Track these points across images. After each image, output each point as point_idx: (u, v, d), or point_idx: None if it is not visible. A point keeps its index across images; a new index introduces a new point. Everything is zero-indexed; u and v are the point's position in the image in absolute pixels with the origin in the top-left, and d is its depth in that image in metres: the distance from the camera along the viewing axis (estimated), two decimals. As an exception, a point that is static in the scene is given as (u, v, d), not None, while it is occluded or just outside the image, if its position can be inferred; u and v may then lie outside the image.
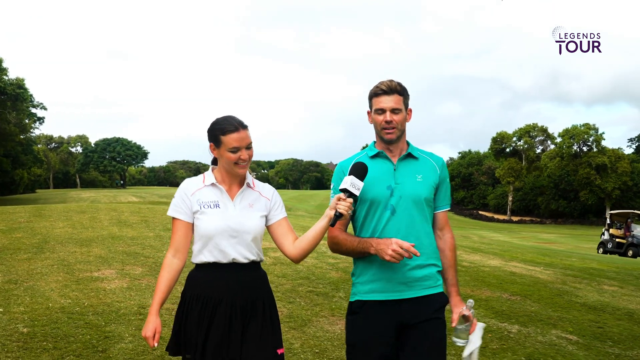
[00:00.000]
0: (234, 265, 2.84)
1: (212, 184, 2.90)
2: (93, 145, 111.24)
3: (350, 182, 2.76)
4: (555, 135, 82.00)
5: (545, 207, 78.84)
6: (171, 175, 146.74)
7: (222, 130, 2.81)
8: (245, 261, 2.85)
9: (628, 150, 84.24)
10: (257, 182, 3.03)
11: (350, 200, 2.74)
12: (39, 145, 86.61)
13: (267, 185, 3.07)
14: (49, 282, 7.05)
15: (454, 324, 2.93)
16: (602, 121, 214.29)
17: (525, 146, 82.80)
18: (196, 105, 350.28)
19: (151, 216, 14.13)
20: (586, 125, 77.21)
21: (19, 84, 54.22)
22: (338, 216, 2.72)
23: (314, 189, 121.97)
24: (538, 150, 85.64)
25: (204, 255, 2.84)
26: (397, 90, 2.96)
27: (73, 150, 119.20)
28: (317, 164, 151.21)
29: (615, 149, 76.73)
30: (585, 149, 77.25)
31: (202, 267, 2.87)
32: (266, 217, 2.96)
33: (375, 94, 2.98)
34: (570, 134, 76.43)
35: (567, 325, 6.86)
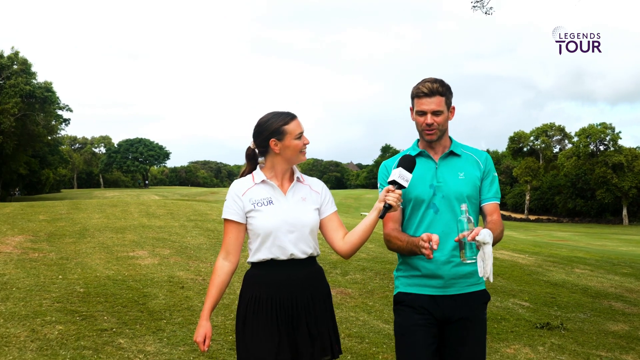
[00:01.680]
0: (292, 262, 2.85)
1: (263, 181, 2.91)
2: (116, 146, 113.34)
3: (399, 174, 2.80)
4: (573, 134, 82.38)
5: (563, 206, 79.29)
6: (192, 175, 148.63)
7: (284, 121, 2.87)
8: (304, 256, 2.87)
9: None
10: (305, 176, 3.05)
11: (399, 191, 2.78)
12: (63, 146, 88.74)
13: (315, 179, 3.09)
14: (94, 259, 8.51)
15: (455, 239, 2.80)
16: (627, 120, 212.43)
17: (543, 145, 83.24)
18: (214, 106, 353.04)
19: (176, 209, 15.62)
20: (603, 124, 77.52)
21: (47, 87, 56.33)
22: (387, 207, 2.76)
23: (334, 189, 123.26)
24: (556, 150, 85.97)
25: (261, 252, 2.84)
26: (439, 91, 2.95)
27: (96, 150, 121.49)
28: (337, 164, 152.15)
29: (632, 148, 76.99)
30: (602, 148, 77.56)
31: (259, 266, 2.88)
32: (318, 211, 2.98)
33: (416, 95, 2.99)
34: (587, 133, 76.78)
35: (525, 295, 8.18)
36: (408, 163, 2.85)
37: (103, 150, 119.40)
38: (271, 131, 2.85)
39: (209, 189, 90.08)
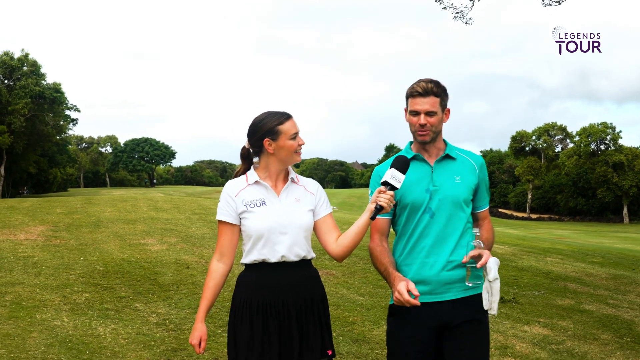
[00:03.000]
0: (283, 265, 2.81)
1: (256, 182, 2.88)
2: (122, 145, 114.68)
3: (391, 175, 2.76)
4: (574, 134, 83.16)
5: (564, 205, 80.00)
6: (198, 175, 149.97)
7: (278, 120, 2.83)
8: (296, 259, 2.83)
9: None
10: (300, 177, 3.01)
11: (392, 193, 2.74)
12: (70, 146, 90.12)
13: (311, 180, 3.05)
14: (109, 245, 9.62)
15: (463, 260, 2.83)
16: (633, 119, 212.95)
17: (544, 145, 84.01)
18: (220, 106, 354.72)
19: (181, 204, 16.76)
20: (603, 124, 78.23)
21: (56, 88, 57.80)
22: (379, 209, 2.72)
23: (339, 188, 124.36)
24: (557, 149, 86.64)
25: (252, 254, 2.82)
26: (433, 92, 2.90)
27: (103, 150, 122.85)
28: (341, 163, 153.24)
29: (632, 147, 77.73)
30: (602, 147, 78.29)
31: (250, 268, 2.86)
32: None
33: (411, 94, 2.94)
34: (588, 132, 77.50)
35: (490, 277, 9.22)
36: (401, 164, 2.79)
37: (109, 149, 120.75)
38: (265, 131, 2.82)
39: (214, 188, 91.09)
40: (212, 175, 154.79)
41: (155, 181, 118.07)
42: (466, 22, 13.87)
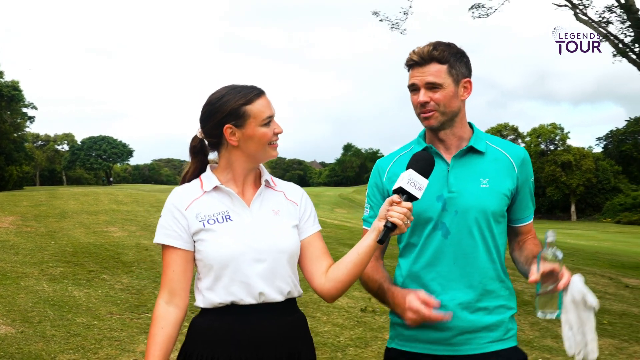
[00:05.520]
0: (262, 307, 1.97)
1: (216, 188, 2.04)
2: (79, 143, 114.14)
3: (409, 179, 1.92)
4: (525, 134, 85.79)
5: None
6: (156, 173, 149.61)
7: (245, 98, 1.99)
8: (280, 298, 1.99)
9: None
10: (278, 180, 2.20)
11: (409, 205, 1.90)
12: (26, 143, 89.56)
13: (292, 184, 2.22)
14: (76, 232, 10.77)
15: (531, 279, 1.95)
16: (588, 120, 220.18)
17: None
18: (180, 104, 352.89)
19: (140, 198, 17.88)
20: (553, 124, 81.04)
21: (14, 86, 57.94)
22: (390, 228, 1.88)
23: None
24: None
25: (216, 294, 1.96)
26: (435, 57, 2.12)
27: (59, 148, 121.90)
28: (300, 162, 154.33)
29: (580, 148, 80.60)
30: (552, 147, 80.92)
31: (212, 313, 1.99)
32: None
33: (407, 65, 2.20)
34: (538, 133, 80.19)
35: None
36: (422, 163, 1.98)
37: (66, 147, 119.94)
38: (226, 113, 1.99)
39: (172, 187, 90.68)
40: (170, 173, 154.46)
41: (112, 179, 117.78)
42: (401, 33, 15.39)
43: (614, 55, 13.54)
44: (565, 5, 13.90)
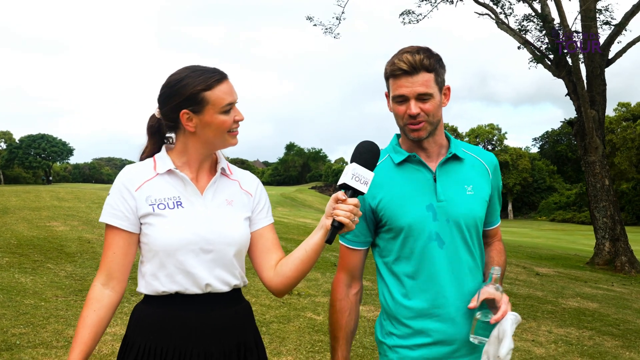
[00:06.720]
0: (207, 297, 1.91)
1: (169, 172, 1.95)
2: (17, 142, 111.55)
3: (352, 173, 1.80)
4: (464, 134, 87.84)
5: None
6: (96, 172, 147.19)
7: (205, 83, 1.89)
8: (226, 289, 1.94)
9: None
10: (235, 168, 2.12)
11: (354, 201, 1.79)
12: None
13: (248, 173, 2.14)
14: (19, 226, 11.17)
15: (470, 305, 1.99)
16: (527, 121, 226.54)
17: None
18: (120, 102, 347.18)
19: (82, 195, 18.23)
20: (490, 125, 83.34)
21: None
22: (337, 227, 1.78)
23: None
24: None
25: (160, 282, 1.89)
26: (425, 66, 1.98)
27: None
28: (242, 161, 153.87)
29: (517, 148, 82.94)
30: (490, 147, 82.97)
31: (155, 301, 1.92)
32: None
33: (392, 73, 2.02)
34: (476, 133, 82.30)
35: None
36: (367, 155, 1.83)
37: (4, 146, 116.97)
38: (184, 98, 1.89)
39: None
40: (111, 172, 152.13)
41: (51, 178, 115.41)
42: (334, 37, 16.17)
43: (531, 61, 14.59)
44: (487, 14, 14.91)
